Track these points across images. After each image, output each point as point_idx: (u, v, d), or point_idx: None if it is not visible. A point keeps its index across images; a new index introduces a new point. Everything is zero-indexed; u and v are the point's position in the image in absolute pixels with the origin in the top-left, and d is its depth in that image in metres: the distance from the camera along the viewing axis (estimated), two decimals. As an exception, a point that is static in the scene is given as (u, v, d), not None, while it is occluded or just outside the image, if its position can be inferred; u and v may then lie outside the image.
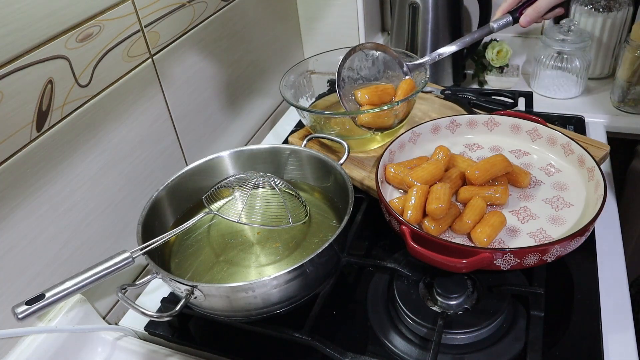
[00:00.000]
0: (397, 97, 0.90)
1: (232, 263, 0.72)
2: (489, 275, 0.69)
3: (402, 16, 1.16)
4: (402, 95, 0.89)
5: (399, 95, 0.90)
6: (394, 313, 0.69)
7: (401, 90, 0.90)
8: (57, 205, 0.66)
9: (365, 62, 0.95)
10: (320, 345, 0.63)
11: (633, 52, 1.01)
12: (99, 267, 0.60)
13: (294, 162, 0.82)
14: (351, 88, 0.93)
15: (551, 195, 0.76)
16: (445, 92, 1.04)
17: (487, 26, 0.91)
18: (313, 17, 1.23)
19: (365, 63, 0.95)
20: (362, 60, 0.94)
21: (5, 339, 0.63)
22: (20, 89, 0.59)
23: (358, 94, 0.89)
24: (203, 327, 0.73)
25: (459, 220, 0.71)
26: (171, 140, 0.86)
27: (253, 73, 1.08)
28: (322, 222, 0.76)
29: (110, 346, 0.72)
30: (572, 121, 1.01)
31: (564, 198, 0.75)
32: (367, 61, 0.95)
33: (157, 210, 0.74)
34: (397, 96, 0.90)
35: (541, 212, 0.73)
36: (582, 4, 1.11)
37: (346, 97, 0.90)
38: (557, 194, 0.76)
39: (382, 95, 0.90)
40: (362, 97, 0.89)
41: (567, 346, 0.64)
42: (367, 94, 0.88)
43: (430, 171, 0.75)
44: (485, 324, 0.64)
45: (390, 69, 0.96)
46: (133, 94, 0.76)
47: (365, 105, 0.89)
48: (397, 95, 0.90)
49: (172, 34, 0.82)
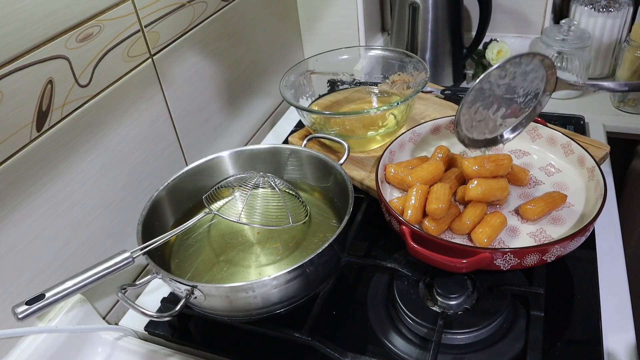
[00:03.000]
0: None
1: (232, 263, 0.72)
2: (489, 275, 0.69)
3: (402, 16, 1.16)
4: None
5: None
6: (394, 313, 0.69)
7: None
8: (57, 205, 0.66)
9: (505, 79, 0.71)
10: (320, 345, 0.63)
11: (633, 52, 1.01)
12: (99, 267, 0.60)
13: (294, 162, 0.82)
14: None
15: (551, 195, 0.76)
16: (445, 92, 1.04)
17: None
18: (313, 17, 1.23)
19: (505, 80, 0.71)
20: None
21: (5, 339, 0.63)
22: (20, 89, 0.59)
23: (465, 163, 0.73)
24: (203, 327, 0.73)
25: (458, 220, 0.71)
26: (171, 140, 0.86)
27: (253, 73, 1.08)
28: (322, 222, 0.76)
29: (110, 346, 0.72)
30: (572, 121, 1.01)
31: (564, 198, 0.75)
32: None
33: (157, 210, 0.74)
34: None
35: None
36: (582, 4, 1.11)
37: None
38: (557, 194, 0.76)
39: (492, 168, 0.72)
40: (469, 168, 0.72)
41: (567, 346, 0.64)
42: (476, 166, 0.72)
43: (430, 171, 0.75)
44: (485, 324, 0.64)
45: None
46: (133, 94, 0.76)
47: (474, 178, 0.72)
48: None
49: (172, 34, 0.82)
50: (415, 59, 0.95)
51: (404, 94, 0.99)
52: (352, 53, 1.03)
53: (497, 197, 0.72)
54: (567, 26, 1.07)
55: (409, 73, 0.98)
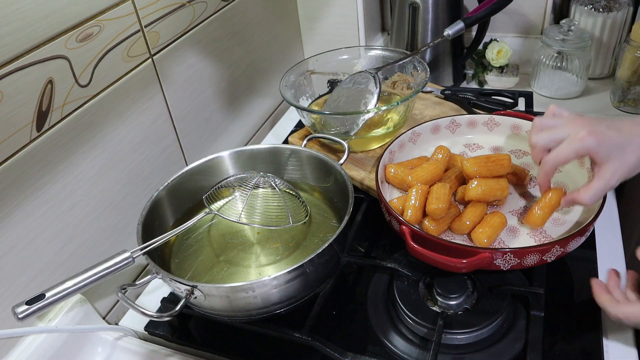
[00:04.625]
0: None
1: (232, 263, 0.72)
2: (489, 275, 0.69)
3: (402, 16, 1.16)
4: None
5: None
6: (394, 313, 0.69)
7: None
8: (57, 205, 0.66)
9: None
10: (320, 345, 0.63)
11: (633, 52, 1.01)
12: (99, 267, 0.60)
13: (294, 162, 0.82)
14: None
15: (551, 195, 0.76)
16: (445, 92, 1.04)
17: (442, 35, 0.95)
18: (313, 17, 1.23)
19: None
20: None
21: (5, 339, 0.63)
22: (20, 89, 0.59)
23: (465, 163, 0.74)
24: (203, 327, 0.73)
25: (458, 220, 0.71)
26: (171, 140, 0.86)
27: (253, 73, 1.08)
28: (322, 222, 0.76)
29: (110, 346, 0.72)
30: (572, 121, 1.01)
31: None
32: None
33: (157, 210, 0.74)
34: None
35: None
36: (582, 4, 1.11)
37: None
38: (557, 194, 0.76)
39: (492, 168, 0.73)
40: (469, 168, 0.73)
41: (567, 346, 0.64)
42: (476, 166, 0.73)
43: (430, 171, 0.75)
44: (485, 324, 0.64)
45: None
46: (133, 94, 0.76)
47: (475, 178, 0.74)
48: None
49: (172, 34, 0.82)
50: (415, 59, 0.95)
51: (403, 94, 0.99)
52: (352, 53, 1.03)
53: (497, 197, 0.72)
54: (567, 26, 1.07)
55: (408, 73, 0.98)
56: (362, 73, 0.93)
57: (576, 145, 0.62)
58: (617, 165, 0.61)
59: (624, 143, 0.61)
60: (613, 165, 0.62)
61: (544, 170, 0.67)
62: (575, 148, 0.62)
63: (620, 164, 0.61)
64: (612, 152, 0.61)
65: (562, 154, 0.64)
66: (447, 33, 0.94)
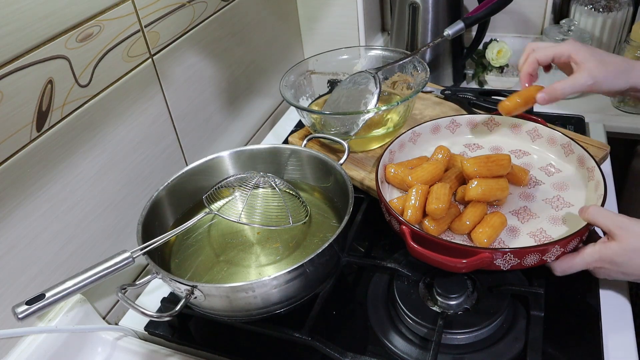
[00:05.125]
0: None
1: (232, 263, 0.72)
2: (489, 275, 0.69)
3: (402, 16, 1.16)
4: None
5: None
6: (394, 313, 0.69)
7: None
8: (57, 205, 0.66)
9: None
10: (320, 345, 0.63)
11: (633, 52, 1.01)
12: (99, 267, 0.60)
13: (294, 162, 0.82)
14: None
15: (551, 195, 0.76)
16: (445, 92, 1.04)
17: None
18: (313, 17, 1.23)
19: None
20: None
21: (5, 339, 0.63)
22: (20, 89, 0.59)
23: (465, 163, 0.74)
24: (203, 327, 0.73)
25: (458, 220, 0.71)
26: (171, 140, 0.86)
27: (253, 73, 1.08)
28: (322, 222, 0.76)
29: (110, 346, 0.72)
30: (572, 121, 1.01)
31: (564, 198, 0.75)
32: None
33: (157, 210, 0.74)
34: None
35: (541, 212, 0.73)
36: (582, 4, 1.11)
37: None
38: (557, 194, 0.76)
39: (492, 168, 0.73)
40: (469, 168, 0.73)
41: (567, 346, 0.64)
42: (476, 166, 0.73)
43: (430, 171, 0.75)
44: (485, 324, 0.64)
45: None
46: (133, 94, 0.76)
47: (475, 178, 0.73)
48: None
49: (172, 34, 0.82)
50: (415, 59, 0.95)
51: (403, 94, 0.99)
52: (352, 53, 1.03)
53: (497, 197, 0.73)
54: (567, 26, 1.07)
55: (408, 73, 0.98)
56: (362, 73, 0.94)
57: (560, 46, 0.73)
58: (594, 65, 0.70)
59: (603, 54, 0.71)
60: (591, 64, 0.70)
61: (527, 62, 0.76)
62: (557, 47, 0.73)
63: (598, 67, 0.69)
64: (593, 55, 0.70)
65: (543, 48, 0.75)
66: (447, 33, 0.94)
